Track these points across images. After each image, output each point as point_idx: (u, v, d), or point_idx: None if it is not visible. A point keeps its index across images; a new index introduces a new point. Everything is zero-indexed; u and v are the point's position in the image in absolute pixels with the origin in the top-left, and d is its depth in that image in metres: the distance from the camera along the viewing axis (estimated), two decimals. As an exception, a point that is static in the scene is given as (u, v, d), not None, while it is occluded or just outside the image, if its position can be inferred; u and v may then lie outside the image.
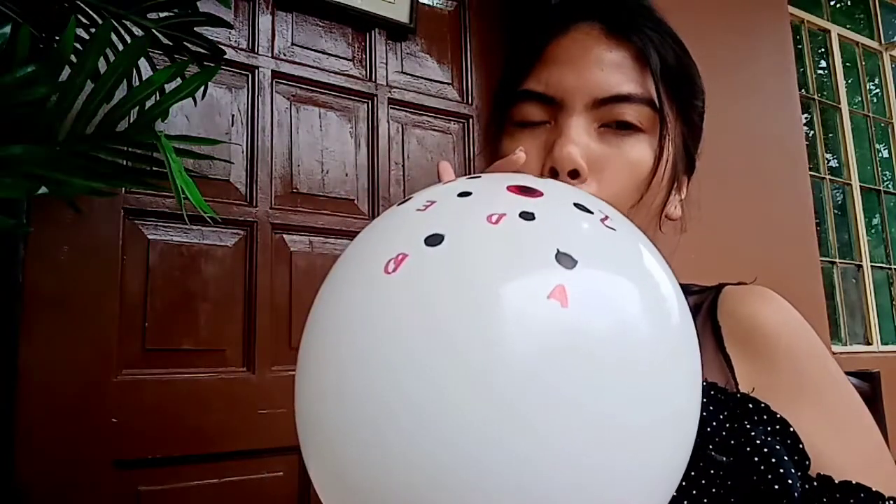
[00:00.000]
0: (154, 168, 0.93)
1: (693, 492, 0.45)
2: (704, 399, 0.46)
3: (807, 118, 2.80)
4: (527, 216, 0.32)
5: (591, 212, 0.35)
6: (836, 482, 0.45)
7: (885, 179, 3.09)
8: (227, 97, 1.43)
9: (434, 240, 0.31)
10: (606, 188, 0.51)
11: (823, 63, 3.00)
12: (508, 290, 0.29)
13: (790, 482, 0.43)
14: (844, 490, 0.44)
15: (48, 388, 1.15)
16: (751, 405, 0.47)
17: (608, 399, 0.29)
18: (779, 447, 0.44)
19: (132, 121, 0.87)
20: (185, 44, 1.02)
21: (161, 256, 1.30)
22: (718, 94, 2.29)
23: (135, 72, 1.00)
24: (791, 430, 0.46)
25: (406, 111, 1.68)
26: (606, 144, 0.52)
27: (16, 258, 1.15)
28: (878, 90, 3.20)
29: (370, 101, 1.62)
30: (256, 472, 1.32)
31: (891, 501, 0.44)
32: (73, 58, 0.82)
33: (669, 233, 0.57)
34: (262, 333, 1.37)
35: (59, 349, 1.17)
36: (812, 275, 2.35)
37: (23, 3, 0.85)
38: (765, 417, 0.46)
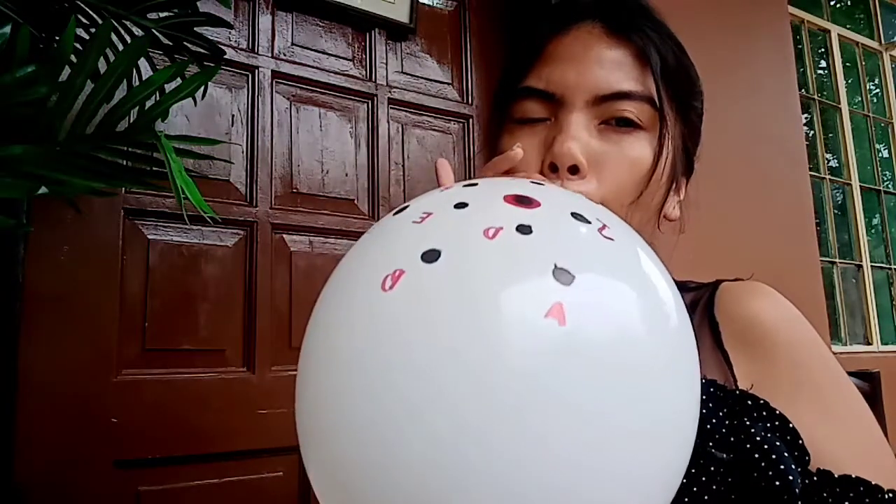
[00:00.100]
0: (154, 168, 0.93)
1: (693, 489, 0.45)
2: (704, 396, 0.46)
3: (807, 118, 2.80)
4: (524, 230, 0.32)
5: (589, 221, 0.34)
6: (836, 476, 0.45)
7: (885, 179, 3.09)
8: (227, 97, 1.43)
9: (430, 255, 0.31)
10: (606, 185, 0.51)
11: (823, 63, 3.00)
12: (505, 309, 0.29)
13: (791, 478, 0.43)
14: (844, 484, 0.44)
15: (48, 388, 1.15)
16: (750, 402, 0.47)
17: (607, 406, 0.29)
18: (779, 443, 0.44)
19: (132, 121, 0.87)
20: (185, 44, 1.02)
21: (161, 256, 1.30)
22: (718, 94, 2.29)
23: (135, 72, 0.99)
24: (790, 426, 0.46)
25: (406, 111, 1.68)
26: (606, 141, 0.52)
27: (16, 258, 1.15)
28: (878, 90, 3.20)
29: (370, 101, 1.62)
30: (256, 472, 1.32)
31: (890, 494, 0.44)
32: (73, 58, 0.82)
33: (668, 233, 0.57)
34: (262, 333, 1.37)
35: (59, 349, 1.17)
36: (812, 275, 2.35)
37: (23, 3, 0.85)
38: (764, 414, 0.47)
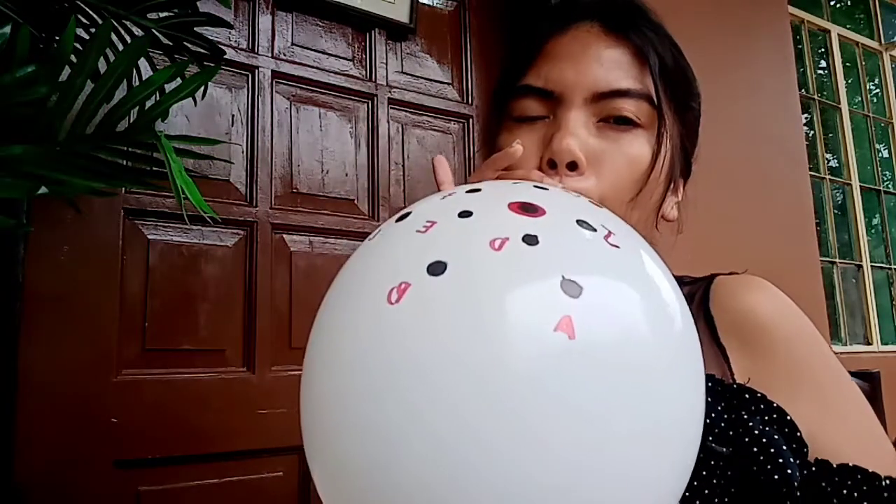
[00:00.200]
0: (154, 168, 0.93)
1: (694, 483, 0.45)
2: None
3: (807, 118, 2.80)
4: (530, 240, 0.32)
5: (595, 228, 0.34)
6: (835, 466, 0.45)
7: (885, 179, 3.09)
8: (227, 97, 1.43)
9: (436, 268, 0.31)
10: (604, 182, 0.51)
11: (823, 63, 3.00)
12: (514, 324, 0.29)
13: (789, 472, 0.43)
14: (842, 473, 0.45)
15: (48, 388, 1.15)
16: (747, 395, 0.47)
17: (613, 412, 0.29)
18: (777, 437, 0.45)
19: (132, 121, 0.87)
20: (185, 44, 1.02)
21: (161, 256, 1.30)
22: (718, 94, 2.30)
23: (135, 72, 0.99)
24: (788, 419, 0.46)
25: (406, 111, 1.68)
26: (605, 139, 0.52)
27: (16, 258, 1.15)
28: (878, 90, 3.20)
29: (370, 101, 1.62)
30: (256, 472, 1.32)
31: (888, 481, 0.44)
32: (73, 58, 0.81)
33: (667, 232, 0.58)
34: (262, 333, 1.37)
35: (59, 349, 1.17)
36: (812, 275, 2.35)
37: (23, 3, 0.85)
38: (762, 407, 0.47)
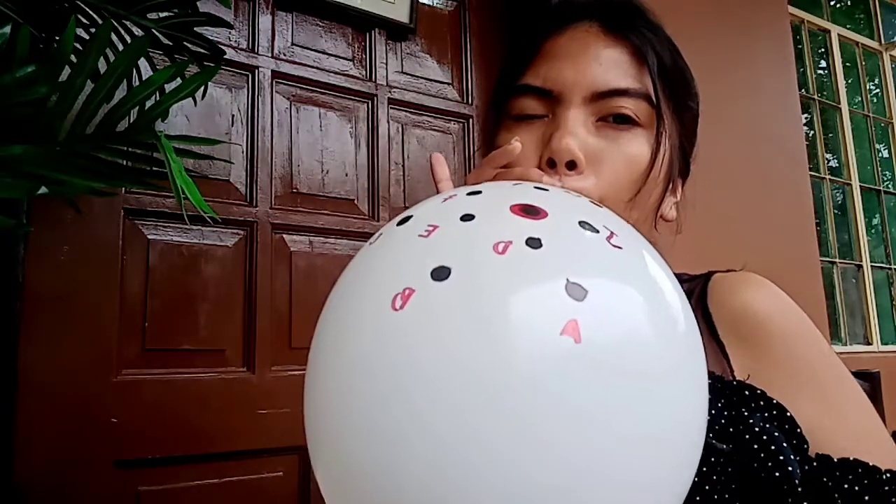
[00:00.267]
0: (154, 168, 0.93)
1: (694, 479, 0.45)
2: None
3: (807, 118, 2.80)
4: (533, 243, 0.32)
5: (597, 230, 0.34)
6: (835, 460, 0.45)
7: (885, 179, 3.09)
8: (227, 97, 1.43)
9: (440, 273, 0.31)
10: (603, 181, 0.51)
11: (823, 63, 3.00)
12: (520, 329, 0.29)
13: (790, 468, 0.43)
14: (843, 467, 0.45)
15: (48, 388, 1.15)
16: (747, 392, 0.47)
17: (617, 414, 0.29)
18: (777, 433, 0.45)
19: (132, 121, 0.87)
20: (185, 44, 1.02)
21: (161, 256, 1.30)
22: (718, 94, 2.30)
23: (135, 72, 1.00)
24: (788, 415, 0.46)
25: (406, 111, 1.68)
26: (604, 138, 0.52)
27: (16, 258, 1.15)
28: (878, 90, 3.20)
29: (370, 101, 1.62)
30: (256, 472, 1.32)
31: (888, 474, 0.44)
32: (73, 58, 0.82)
33: (665, 232, 0.58)
34: (262, 333, 1.37)
35: (59, 349, 1.17)
36: (812, 275, 2.35)
37: (23, 3, 0.85)
38: (762, 404, 0.47)
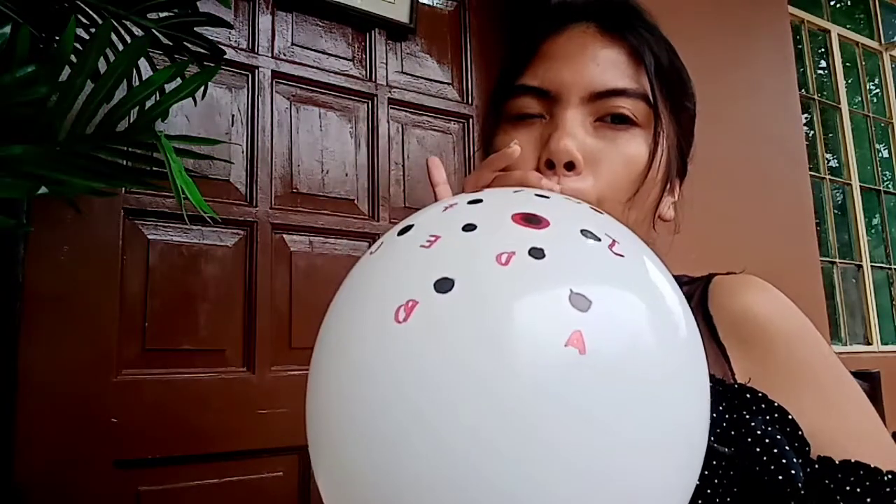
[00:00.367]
0: (154, 168, 0.93)
1: (697, 483, 0.45)
2: None
3: (807, 118, 2.80)
4: (536, 253, 0.32)
5: (599, 238, 0.34)
6: (837, 462, 0.45)
7: (885, 179, 3.09)
8: (227, 97, 1.43)
9: (444, 285, 0.31)
10: (602, 181, 0.51)
11: (823, 63, 3.00)
12: (525, 340, 0.29)
13: (793, 472, 0.43)
14: (845, 469, 0.45)
15: (48, 388, 1.15)
16: (749, 395, 0.47)
17: (620, 420, 0.29)
18: (779, 436, 0.45)
19: (132, 121, 0.87)
20: (185, 44, 1.02)
21: (161, 256, 1.30)
22: (718, 94, 2.29)
23: (135, 72, 1.00)
24: (790, 418, 0.46)
25: (406, 111, 1.68)
26: (602, 139, 0.52)
27: (16, 258, 1.15)
28: (878, 90, 3.20)
29: (370, 101, 1.62)
30: (256, 472, 1.32)
31: (890, 476, 0.44)
32: (73, 58, 0.82)
33: (664, 232, 0.58)
34: (262, 333, 1.37)
35: (59, 349, 1.17)
36: (812, 275, 2.35)
37: (23, 3, 0.85)
38: (763, 407, 0.47)
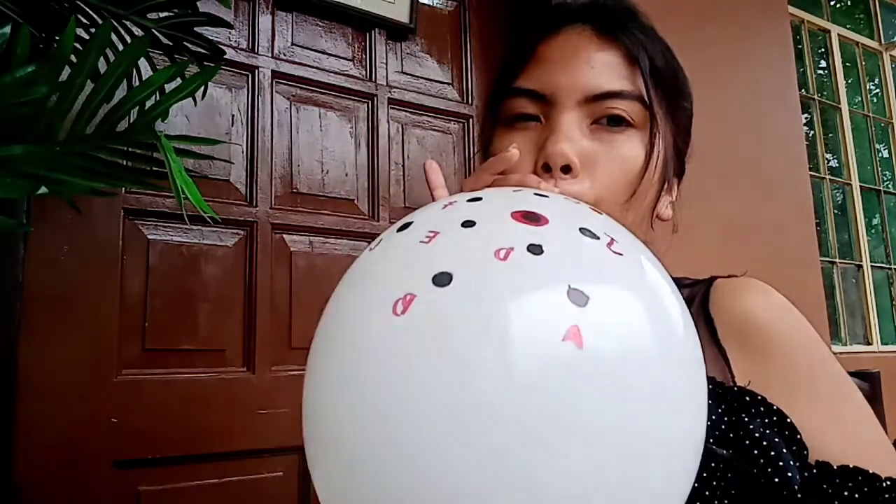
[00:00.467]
0: (154, 168, 0.93)
1: (694, 485, 0.45)
2: None
3: (807, 118, 2.80)
4: (535, 249, 0.32)
5: (597, 236, 0.34)
6: (835, 468, 0.45)
7: (885, 179, 3.09)
8: (227, 97, 1.43)
9: (442, 279, 0.31)
10: (598, 184, 0.51)
11: (823, 63, 3.00)
12: (523, 334, 0.29)
13: (789, 475, 0.44)
14: (843, 475, 0.45)
15: (48, 388, 1.15)
16: (748, 398, 0.48)
17: (621, 418, 0.29)
18: (777, 439, 0.45)
19: (132, 121, 0.87)
20: (185, 44, 1.02)
21: (161, 256, 1.30)
22: (718, 95, 2.29)
23: (135, 72, 1.00)
24: (788, 422, 0.46)
25: (406, 111, 1.68)
26: (598, 141, 0.53)
27: (16, 258, 1.15)
28: (878, 90, 3.20)
29: (370, 101, 1.62)
30: (256, 472, 1.32)
31: (888, 482, 0.44)
32: (73, 58, 0.81)
33: (662, 232, 0.58)
34: (262, 333, 1.37)
35: (59, 349, 1.17)
36: (812, 275, 2.35)
37: (23, 3, 0.85)
38: (762, 410, 0.47)
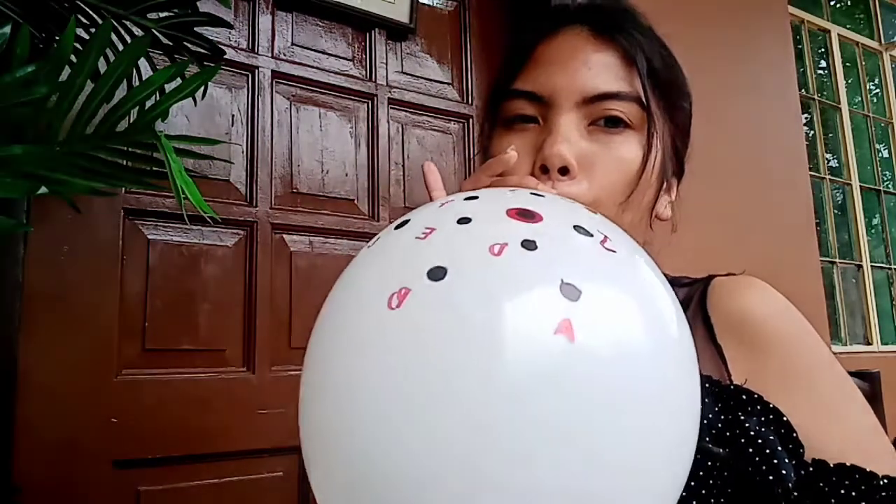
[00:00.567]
0: (154, 168, 0.93)
1: (690, 483, 0.45)
2: None
3: (807, 118, 2.80)
4: (529, 245, 0.32)
5: (591, 234, 0.35)
6: (832, 466, 0.45)
7: (885, 179, 3.10)
8: (227, 97, 1.43)
9: (436, 273, 0.31)
10: (596, 185, 0.52)
11: (823, 63, 3.00)
12: (515, 327, 0.29)
13: (784, 472, 0.44)
14: (839, 473, 0.45)
15: (48, 388, 1.15)
16: (744, 396, 0.48)
17: (613, 411, 0.29)
18: (773, 437, 0.45)
19: (132, 121, 0.87)
20: (185, 44, 1.02)
21: (161, 256, 1.30)
22: (719, 94, 2.29)
23: (135, 72, 0.99)
24: (784, 420, 0.46)
25: (406, 111, 1.68)
26: (596, 142, 0.53)
27: (16, 258, 1.15)
28: (878, 90, 3.20)
29: (370, 101, 1.62)
30: (256, 472, 1.32)
31: (885, 480, 0.44)
32: (73, 58, 0.81)
33: (661, 232, 0.58)
34: (262, 333, 1.37)
35: (59, 349, 1.17)
36: (812, 275, 2.35)
37: (23, 3, 0.85)
38: (759, 408, 0.47)
